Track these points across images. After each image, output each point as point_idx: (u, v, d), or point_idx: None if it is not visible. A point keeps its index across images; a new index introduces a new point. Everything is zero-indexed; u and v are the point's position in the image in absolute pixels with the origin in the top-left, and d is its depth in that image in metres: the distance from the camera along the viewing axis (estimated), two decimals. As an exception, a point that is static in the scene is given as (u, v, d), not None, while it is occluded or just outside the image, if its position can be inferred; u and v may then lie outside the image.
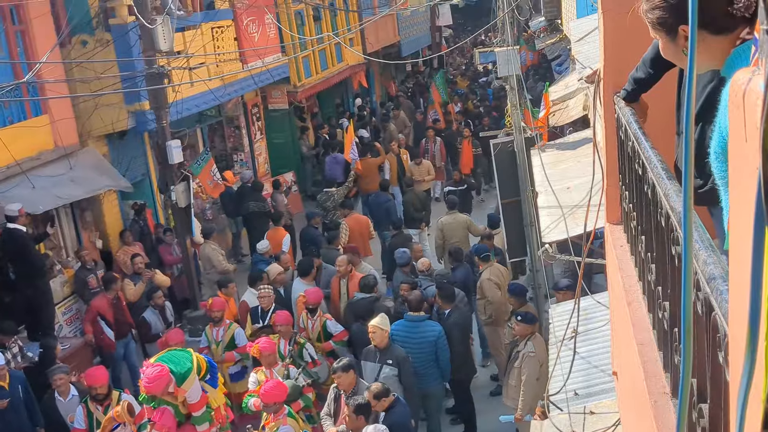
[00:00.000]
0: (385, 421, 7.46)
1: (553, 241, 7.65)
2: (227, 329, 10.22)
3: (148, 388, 6.92)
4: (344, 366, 8.06)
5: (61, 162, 11.96)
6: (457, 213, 13.57)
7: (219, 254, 13.27)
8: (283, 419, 7.61)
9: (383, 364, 8.64)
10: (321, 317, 10.15)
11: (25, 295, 10.85)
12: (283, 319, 9.56)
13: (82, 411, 8.33)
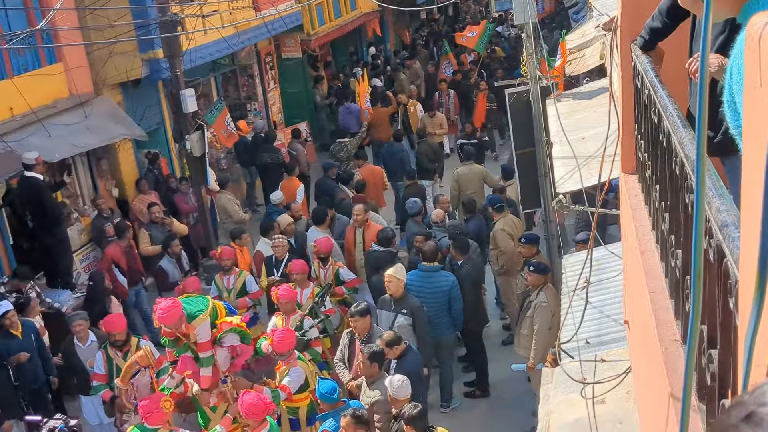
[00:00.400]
0: (397, 369, 7.58)
1: (567, 191, 7.65)
2: (237, 277, 10.30)
3: (161, 319, 7.09)
4: (361, 311, 8.22)
5: (76, 110, 11.99)
6: (473, 164, 13.52)
7: (234, 204, 13.34)
8: (294, 362, 7.75)
9: (398, 313, 8.74)
10: (333, 266, 10.23)
11: (43, 243, 10.99)
12: (299, 267, 9.66)
13: (101, 357, 8.48)
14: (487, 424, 9.46)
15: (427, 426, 6.47)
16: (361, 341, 8.24)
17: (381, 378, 7.39)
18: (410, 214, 11.71)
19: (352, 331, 8.39)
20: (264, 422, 6.71)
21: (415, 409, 6.41)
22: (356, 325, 8.25)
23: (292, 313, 8.87)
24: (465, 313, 9.52)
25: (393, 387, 6.90)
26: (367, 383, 7.48)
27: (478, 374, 10.11)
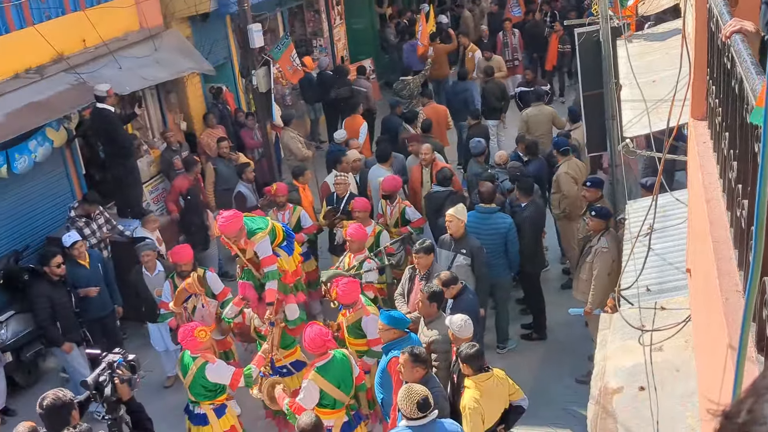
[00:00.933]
0: (453, 309, 7.66)
1: (634, 135, 7.50)
2: (292, 212, 10.40)
3: (222, 227, 7.34)
4: (426, 248, 8.35)
5: (146, 43, 12.16)
6: (542, 105, 13.26)
7: (298, 141, 13.43)
8: (363, 309, 7.82)
9: (457, 253, 8.78)
10: (399, 204, 10.29)
11: (113, 174, 11.30)
12: (362, 205, 9.74)
13: (169, 286, 8.74)
14: (542, 367, 9.51)
15: (483, 365, 6.54)
16: (420, 278, 8.36)
17: (439, 318, 7.47)
18: (473, 154, 11.63)
19: (414, 267, 8.51)
20: (326, 354, 6.87)
21: (473, 348, 6.48)
22: (419, 261, 8.36)
23: (359, 252, 8.99)
24: (522, 255, 9.52)
25: (455, 326, 6.95)
26: (425, 323, 7.55)
27: (535, 317, 10.14)
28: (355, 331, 7.83)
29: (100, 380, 5.22)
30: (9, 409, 9.49)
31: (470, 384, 6.48)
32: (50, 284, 8.92)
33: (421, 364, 6.28)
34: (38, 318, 9.05)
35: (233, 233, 7.39)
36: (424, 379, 6.25)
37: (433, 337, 7.34)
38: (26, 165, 10.03)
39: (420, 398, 5.62)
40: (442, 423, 5.82)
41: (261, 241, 7.52)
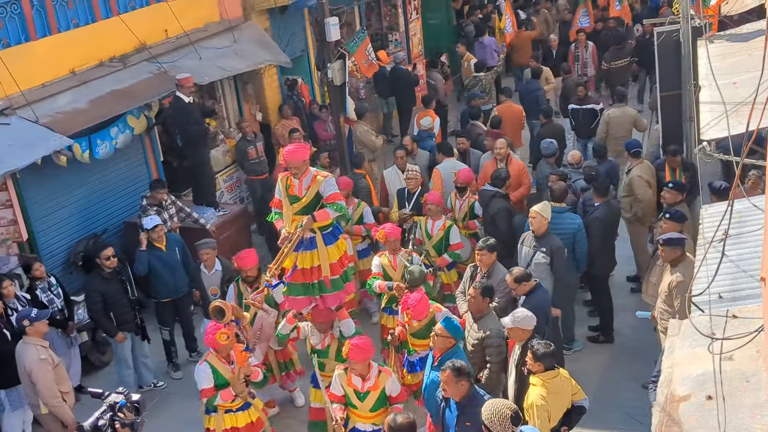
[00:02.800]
0: (525, 304, 7.62)
1: (712, 138, 7.34)
2: (356, 207, 10.31)
3: (287, 154, 7.18)
4: (490, 246, 8.32)
5: (226, 35, 12.41)
6: (625, 106, 12.87)
7: (371, 135, 13.51)
8: (436, 307, 7.73)
9: (537, 251, 8.71)
10: (469, 198, 10.24)
11: (187, 162, 11.59)
12: (436, 198, 9.74)
13: (233, 289, 8.56)
14: (608, 370, 9.37)
15: (555, 365, 6.51)
16: (482, 276, 8.32)
17: (489, 314, 7.45)
18: (544, 155, 11.49)
19: (476, 265, 8.47)
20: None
21: (549, 347, 6.44)
22: (482, 258, 8.32)
23: (398, 251, 8.86)
24: (590, 256, 9.41)
25: (517, 318, 6.85)
26: (474, 318, 7.48)
27: (602, 319, 10.00)
28: (421, 333, 7.67)
29: (99, 424, 4.97)
30: (83, 387, 9.83)
31: (537, 381, 6.44)
32: (102, 277, 9.08)
33: (464, 377, 6.12)
34: (90, 310, 9.29)
35: (297, 162, 7.13)
36: (469, 392, 6.15)
37: (487, 332, 7.29)
38: (107, 151, 10.36)
39: (511, 413, 5.52)
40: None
41: (327, 179, 7.30)
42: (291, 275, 7.44)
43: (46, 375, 7.65)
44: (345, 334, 7.71)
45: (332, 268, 7.43)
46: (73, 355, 9.59)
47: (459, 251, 9.67)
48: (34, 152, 9.05)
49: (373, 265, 8.95)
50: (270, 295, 8.12)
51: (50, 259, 9.76)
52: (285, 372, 8.74)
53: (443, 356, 6.69)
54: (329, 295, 7.49)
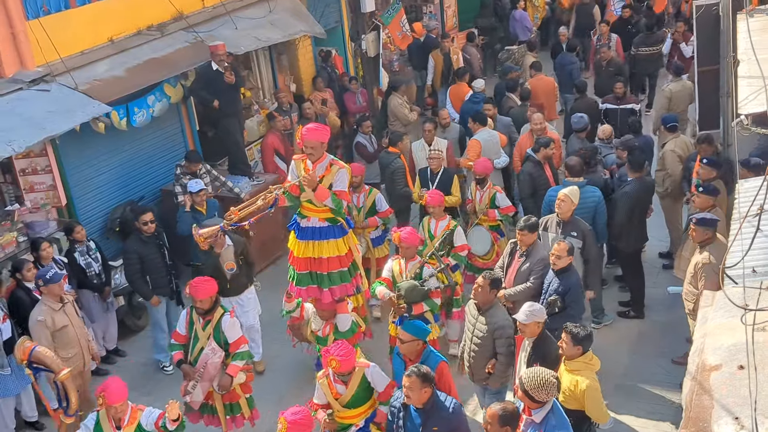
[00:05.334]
0: (561, 283, 7.62)
1: (750, 113, 7.27)
2: (367, 195, 9.95)
3: (307, 132, 6.94)
4: (531, 225, 8.19)
5: (262, 5, 12.45)
6: (683, 80, 12.68)
7: (404, 107, 13.49)
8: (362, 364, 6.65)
9: (566, 236, 8.54)
10: (490, 189, 9.96)
11: (220, 131, 11.68)
12: (436, 200, 9.22)
13: (185, 316, 7.61)
14: (638, 345, 9.37)
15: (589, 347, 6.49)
16: (520, 254, 8.27)
17: (496, 306, 7.24)
18: (574, 129, 11.35)
19: (516, 242, 8.37)
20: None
21: (586, 330, 6.43)
22: (522, 238, 8.17)
23: (412, 259, 8.30)
24: (618, 232, 9.41)
25: (531, 311, 6.66)
26: (481, 309, 7.19)
27: (632, 295, 9.98)
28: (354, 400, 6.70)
29: None
30: (120, 350, 10.06)
31: (578, 366, 6.40)
32: (140, 241, 9.24)
33: (429, 383, 5.83)
34: (127, 272, 9.42)
35: (315, 142, 6.92)
36: (432, 397, 5.87)
37: (495, 324, 7.07)
38: (144, 119, 10.50)
39: (556, 379, 5.58)
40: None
41: (342, 171, 7.10)
42: (297, 265, 7.36)
43: (39, 335, 7.83)
44: (340, 328, 7.54)
45: (340, 260, 7.32)
46: (110, 319, 9.81)
47: (463, 253, 9.22)
48: (73, 119, 9.19)
49: (385, 268, 8.49)
50: (221, 333, 7.38)
51: (88, 225, 9.91)
52: (231, 415, 7.74)
53: (420, 361, 6.36)
54: (336, 287, 7.40)
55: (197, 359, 7.35)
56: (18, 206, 9.53)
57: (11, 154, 8.54)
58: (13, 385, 8.34)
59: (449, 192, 10.10)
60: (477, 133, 11.23)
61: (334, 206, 7.05)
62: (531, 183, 10.16)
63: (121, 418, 6.38)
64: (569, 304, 7.65)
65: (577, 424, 6.40)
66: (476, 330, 7.19)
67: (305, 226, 7.28)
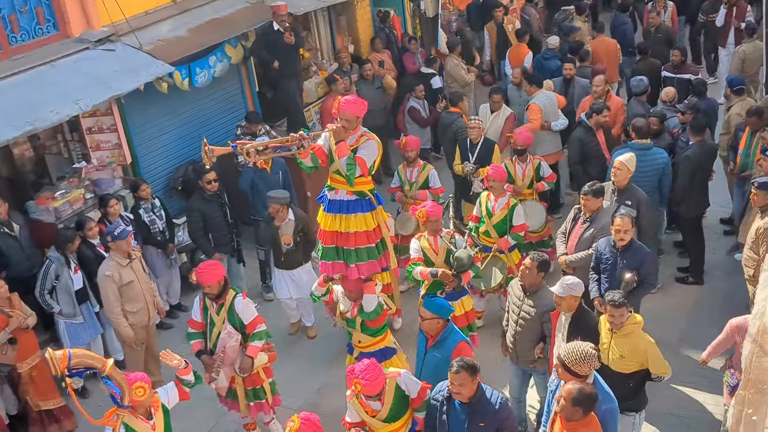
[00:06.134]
0: (628, 263, 7.47)
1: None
2: (421, 170, 9.72)
3: (345, 103, 6.70)
4: (596, 190, 8.10)
5: (322, -35, 12.43)
6: (755, 40, 12.33)
7: (461, 69, 13.41)
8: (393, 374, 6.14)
9: (621, 204, 8.43)
10: (532, 161, 9.78)
11: (279, 93, 11.78)
12: (499, 173, 8.87)
13: (198, 302, 7.42)
14: (696, 311, 9.28)
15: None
16: (584, 220, 8.20)
17: (543, 288, 7.00)
18: (634, 93, 11.14)
19: (580, 208, 8.30)
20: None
21: (620, 296, 6.38)
22: (586, 203, 8.08)
23: (439, 232, 7.99)
24: (678, 196, 9.29)
25: (569, 285, 6.54)
26: (527, 291, 7.02)
27: (692, 261, 9.85)
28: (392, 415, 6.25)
29: None
30: (182, 305, 10.34)
31: (632, 329, 6.38)
32: (203, 199, 9.45)
33: (476, 375, 5.66)
34: (190, 230, 9.66)
35: (351, 115, 6.65)
36: (479, 390, 5.70)
37: (542, 307, 6.91)
38: (206, 79, 10.65)
39: (595, 351, 5.58)
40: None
41: (371, 141, 6.80)
42: (324, 238, 7.10)
43: (107, 290, 8.10)
44: (365, 309, 7.19)
45: (367, 236, 7.01)
46: (174, 275, 10.09)
47: (522, 233, 8.95)
48: (138, 78, 9.38)
49: (412, 249, 8.07)
50: (236, 315, 7.23)
51: (151, 183, 10.11)
52: (254, 401, 7.55)
53: (439, 338, 6.39)
54: (363, 263, 7.06)
55: (216, 345, 7.24)
56: (85, 164, 9.83)
57: (78, 112, 8.78)
58: (84, 333, 8.73)
59: (490, 162, 9.88)
60: (535, 96, 11.12)
61: (347, 170, 6.67)
62: (580, 149, 10.07)
63: (148, 409, 6.04)
64: (645, 277, 7.53)
65: (639, 384, 6.51)
66: (522, 312, 7.02)
67: (333, 199, 6.99)
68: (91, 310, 8.77)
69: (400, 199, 9.86)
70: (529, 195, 9.73)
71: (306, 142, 6.69)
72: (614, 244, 7.58)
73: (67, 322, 8.60)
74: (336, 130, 6.73)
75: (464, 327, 7.85)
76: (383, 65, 13.00)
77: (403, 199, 9.81)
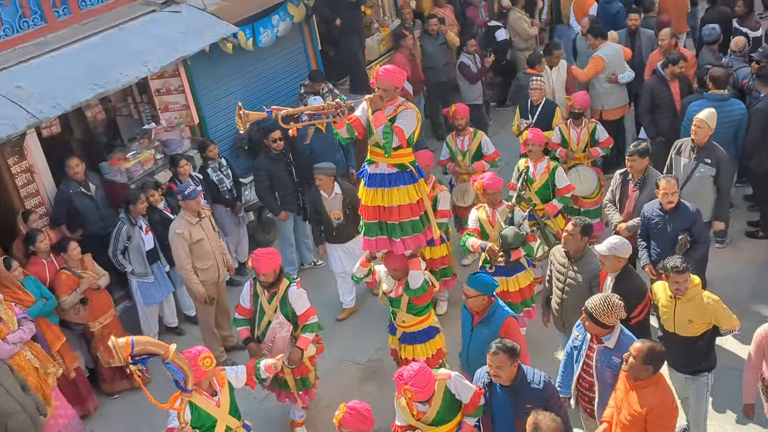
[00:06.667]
0: (683, 218, 7.28)
1: None
2: (473, 137, 9.41)
3: (383, 73, 6.43)
4: (642, 150, 7.85)
5: None
6: None
7: (524, 22, 13.20)
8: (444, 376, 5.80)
9: (700, 162, 8.11)
10: (587, 125, 9.48)
11: (341, 51, 11.80)
12: (538, 137, 8.68)
13: (249, 287, 7.27)
14: (766, 265, 9.12)
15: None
16: (635, 183, 7.98)
17: (588, 254, 6.85)
18: (705, 42, 10.82)
19: (627, 171, 8.02)
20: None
21: (681, 261, 6.16)
22: (633, 165, 7.84)
23: (499, 205, 7.82)
24: (750, 150, 9.05)
25: (614, 245, 6.43)
26: (572, 258, 6.84)
27: (762, 215, 9.64)
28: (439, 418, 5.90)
29: None
30: (251, 265, 10.59)
31: (695, 291, 6.23)
32: (269, 158, 9.58)
33: (516, 358, 5.50)
34: (257, 189, 9.82)
35: (389, 85, 6.39)
36: (520, 372, 5.54)
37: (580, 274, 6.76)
38: (269, 39, 10.73)
39: (621, 301, 5.60)
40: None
41: (408, 111, 6.53)
42: (366, 214, 6.85)
43: (178, 247, 8.30)
44: (411, 285, 6.97)
45: (411, 209, 6.72)
46: (242, 234, 10.32)
47: (568, 194, 8.70)
48: (203, 39, 9.50)
49: (470, 219, 7.93)
50: (288, 306, 7.06)
51: (218, 143, 10.29)
52: (304, 389, 7.50)
53: (486, 314, 6.26)
54: (409, 237, 6.77)
55: (265, 333, 7.12)
56: (154, 125, 10.07)
57: (147, 74, 8.95)
58: (156, 293, 9.02)
59: (550, 126, 9.71)
60: (599, 49, 10.90)
61: (383, 139, 6.39)
62: (651, 98, 9.90)
63: (211, 385, 5.95)
64: (697, 237, 7.37)
65: (709, 344, 6.39)
66: (568, 279, 6.86)
67: (373, 173, 6.71)
68: (162, 269, 9.03)
69: (453, 171, 9.61)
70: (582, 159, 9.48)
71: (342, 110, 6.44)
72: (661, 207, 7.38)
73: (139, 281, 8.90)
74: (373, 99, 6.46)
75: (518, 303, 7.76)
76: (444, 22, 12.88)
77: (456, 170, 9.55)
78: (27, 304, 7.62)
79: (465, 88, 12.17)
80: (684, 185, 8.02)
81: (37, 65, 8.32)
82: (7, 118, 7.59)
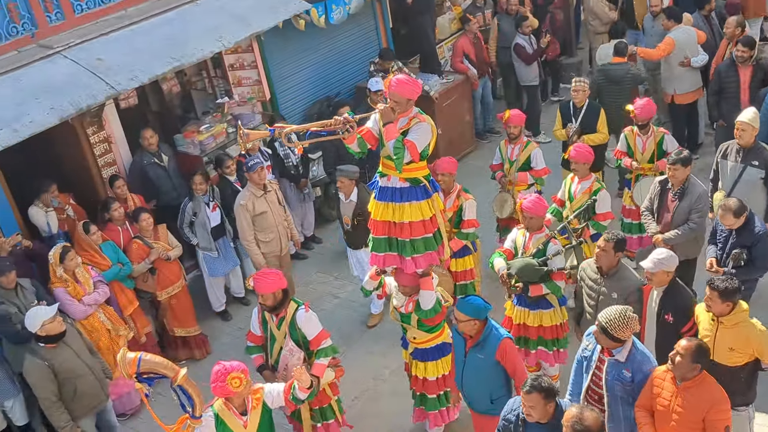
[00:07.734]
0: (736, 240, 6.94)
1: None
2: (523, 148, 8.93)
3: (397, 84, 5.97)
4: (684, 159, 7.44)
5: None
6: None
7: (604, 5, 12.90)
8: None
9: (748, 165, 7.74)
10: (655, 134, 8.70)
11: (411, 29, 11.80)
12: (584, 154, 8.07)
13: (257, 313, 6.74)
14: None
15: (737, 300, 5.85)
16: (674, 193, 7.56)
17: (621, 269, 6.59)
18: None
19: (666, 180, 7.63)
20: None
21: (732, 284, 5.72)
22: (675, 174, 7.42)
23: (538, 231, 7.16)
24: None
25: (661, 260, 6.17)
26: (605, 273, 6.58)
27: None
28: None
29: None
30: (316, 237, 10.73)
31: (738, 318, 5.80)
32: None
33: (553, 398, 5.07)
34: (326, 165, 9.96)
35: (401, 97, 5.97)
36: (557, 411, 5.08)
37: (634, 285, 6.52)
38: (341, 16, 10.80)
39: (632, 312, 5.43)
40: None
41: (422, 124, 6.09)
42: (375, 228, 6.42)
43: (241, 218, 8.50)
44: (422, 306, 6.58)
45: (424, 226, 6.25)
46: (308, 209, 10.47)
47: (605, 222, 7.92)
48: (276, 15, 9.63)
49: (508, 237, 7.44)
50: (298, 330, 6.50)
51: (288, 118, 10.45)
52: (322, 422, 6.88)
53: (480, 338, 5.98)
54: (420, 255, 6.31)
55: (278, 361, 6.60)
56: (227, 99, 10.26)
57: (221, 49, 9.13)
58: (221, 266, 9.26)
59: (594, 129, 9.37)
60: (672, 31, 10.63)
61: (394, 153, 5.94)
62: (718, 80, 9.72)
63: (245, 403, 5.70)
64: (757, 257, 6.91)
65: (751, 376, 6.04)
66: (601, 296, 6.56)
67: (384, 186, 6.26)
68: (228, 244, 9.21)
69: (500, 180, 9.17)
70: (648, 170, 8.76)
71: (351, 125, 6.07)
72: None
73: (204, 253, 9.14)
74: (384, 111, 6.01)
75: (549, 340, 7.27)
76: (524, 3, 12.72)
77: (503, 180, 9.11)
78: (103, 267, 7.94)
79: (521, 69, 12.06)
80: (732, 189, 7.75)
81: (116, 38, 8.57)
82: (88, 88, 7.87)
